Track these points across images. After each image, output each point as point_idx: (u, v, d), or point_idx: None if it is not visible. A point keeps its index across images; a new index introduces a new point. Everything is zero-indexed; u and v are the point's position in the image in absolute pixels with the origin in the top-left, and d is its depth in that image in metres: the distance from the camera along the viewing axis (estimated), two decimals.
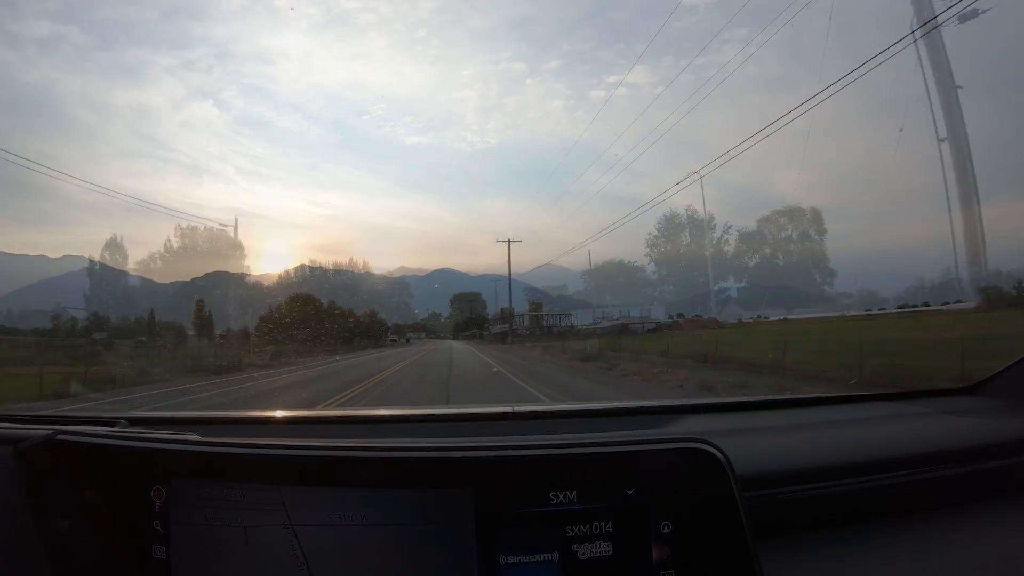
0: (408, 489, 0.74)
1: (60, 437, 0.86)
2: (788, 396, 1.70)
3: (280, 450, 0.78)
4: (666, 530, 0.70)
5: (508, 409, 1.64)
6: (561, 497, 0.70)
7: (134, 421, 1.27)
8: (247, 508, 0.76)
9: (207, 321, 34.78)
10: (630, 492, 0.70)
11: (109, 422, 1.23)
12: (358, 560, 0.73)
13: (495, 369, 17.03)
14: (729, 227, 72.46)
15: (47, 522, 0.83)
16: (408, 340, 62.93)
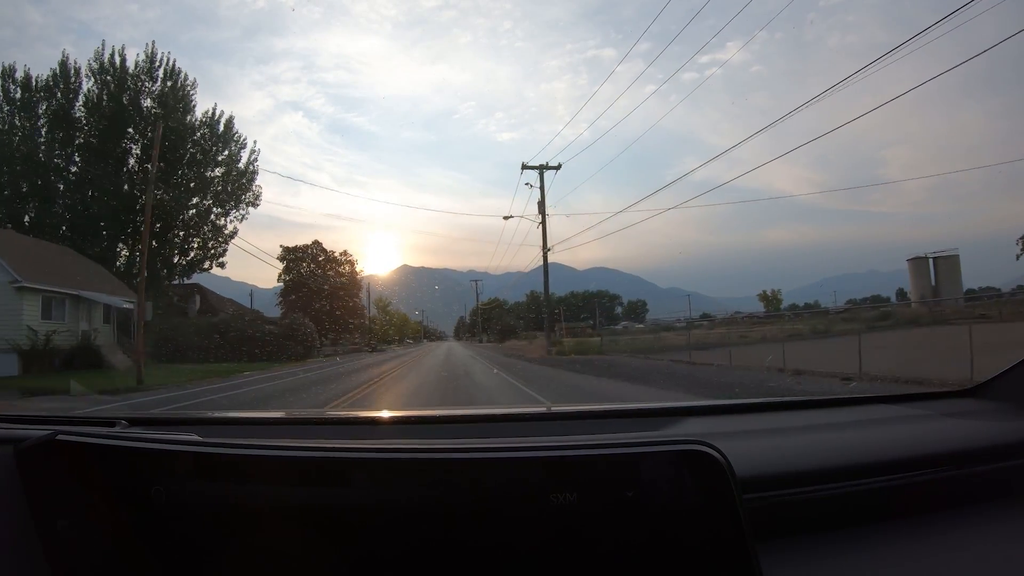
0: (408, 490, 0.74)
1: (60, 437, 0.86)
2: (788, 398, 1.69)
3: (279, 451, 0.79)
4: (666, 532, 0.70)
5: (509, 411, 1.65)
6: (561, 499, 0.70)
7: (134, 422, 1.28)
8: (246, 508, 0.77)
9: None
10: (630, 494, 0.70)
11: (109, 422, 1.23)
12: (358, 560, 0.74)
13: None
14: None
15: (47, 522, 0.83)
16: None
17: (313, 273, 36.79)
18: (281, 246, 38.30)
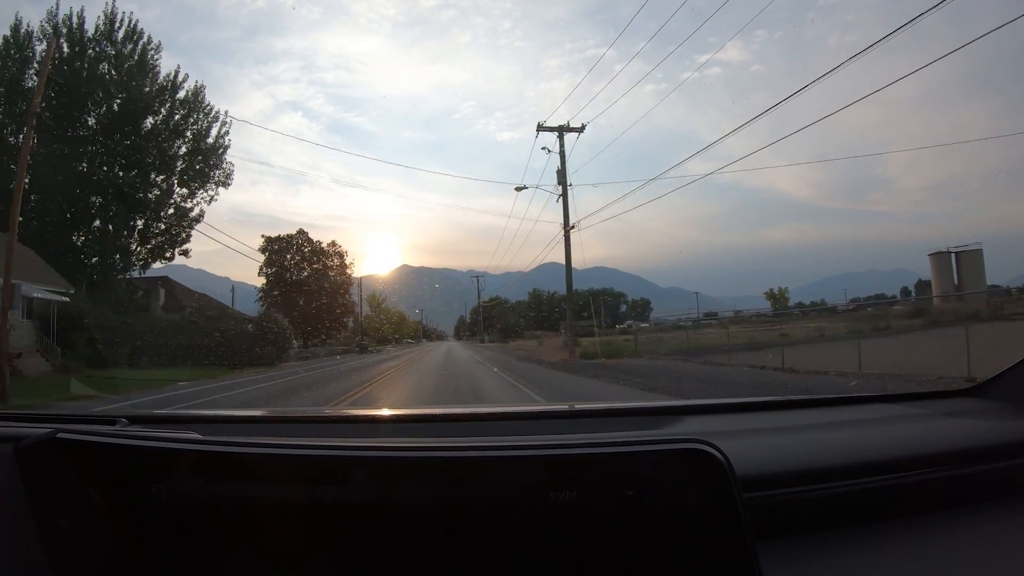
0: (409, 489, 0.77)
1: (61, 435, 0.88)
2: (788, 397, 1.74)
3: (280, 449, 0.81)
4: (666, 530, 0.73)
5: (509, 410, 1.68)
6: (561, 497, 0.72)
7: (134, 420, 1.30)
8: (247, 507, 0.79)
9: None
10: (630, 493, 0.73)
11: (109, 421, 1.25)
12: (359, 558, 0.76)
13: None
14: None
15: (47, 520, 0.86)
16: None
17: (298, 266, 33.55)
18: (263, 236, 34.97)
